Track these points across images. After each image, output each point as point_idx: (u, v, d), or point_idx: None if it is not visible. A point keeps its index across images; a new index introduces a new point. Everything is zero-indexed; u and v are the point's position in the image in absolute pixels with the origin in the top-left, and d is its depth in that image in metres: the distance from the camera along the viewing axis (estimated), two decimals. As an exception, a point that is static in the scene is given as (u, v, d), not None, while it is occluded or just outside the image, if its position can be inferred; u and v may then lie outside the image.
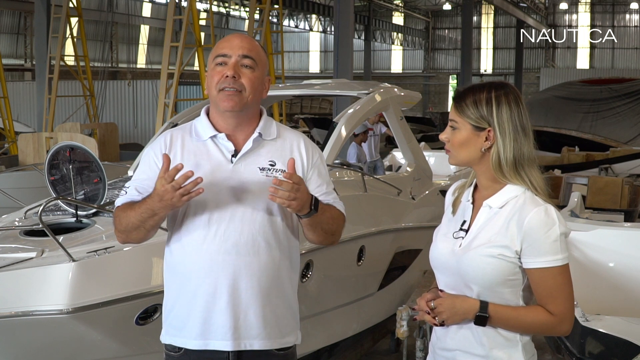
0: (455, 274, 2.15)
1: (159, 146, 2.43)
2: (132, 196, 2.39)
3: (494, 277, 2.08)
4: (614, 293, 4.77)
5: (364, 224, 4.78)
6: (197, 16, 14.49)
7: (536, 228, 2.04)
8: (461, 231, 2.19)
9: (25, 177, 8.48)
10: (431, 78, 51.55)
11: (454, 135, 2.17)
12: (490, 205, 2.14)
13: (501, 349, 2.12)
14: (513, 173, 2.11)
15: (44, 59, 17.67)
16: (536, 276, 2.06)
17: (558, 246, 2.04)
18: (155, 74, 20.21)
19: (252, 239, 2.35)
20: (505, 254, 2.07)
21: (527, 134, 2.12)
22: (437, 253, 2.23)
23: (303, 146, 2.49)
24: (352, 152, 9.28)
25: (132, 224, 2.32)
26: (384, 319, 5.47)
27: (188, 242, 2.37)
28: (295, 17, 45.25)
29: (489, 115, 2.11)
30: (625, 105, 20.17)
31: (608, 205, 10.03)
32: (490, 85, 2.15)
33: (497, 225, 2.10)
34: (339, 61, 16.28)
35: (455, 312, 2.12)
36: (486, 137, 2.12)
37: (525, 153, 2.11)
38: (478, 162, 2.16)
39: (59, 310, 2.99)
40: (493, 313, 2.08)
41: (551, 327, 2.10)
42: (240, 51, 2.37)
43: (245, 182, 2.36)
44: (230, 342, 2.36)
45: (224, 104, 2.36)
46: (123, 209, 2.35)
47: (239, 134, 2.43)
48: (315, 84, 6.82)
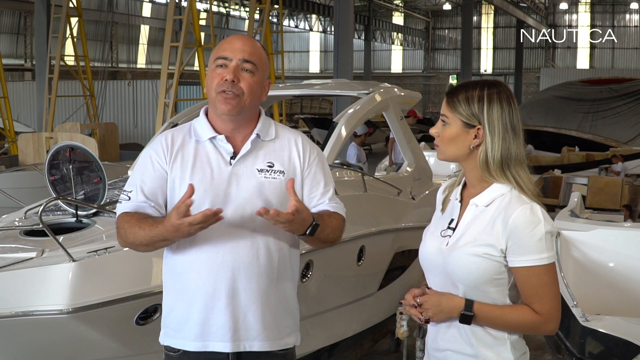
0: (442, 273, 2.15)
1: (160, 146, 2.42)
2: (136, 202, 2.35)
3: (479, 276, 2.07)
4: (614, 293, 4.77)
5: (364, 224, 4.77)
6: (197, 16, 14.49)
7: (521, 226, 2.04)
8: (449, 229, 2.18)
9: (25, 177, 8.48)
10: (431, 78, 51.57)
11: (444, 130, 2.16)
12: (476, 204, 2.14)
13: (489, 348, 2.12)
14: (499, 172, 2.11)
15: (44, 59, 17.69)
16: (521, 275, 2.06)
17: (543, 245, 2.04)
18: (155, 74, 20.23)
19: (251, 240, 2.35)
20: (491, 252, 2.06)
21: (517, 134, 2.12)
22: (425, 252, 2.23)
23: (300, 144, 2.48)
24: (352, 152, 9.27)
25: (139, 242, 2.30)
26: (384, 319, 5.47)
27: (187, 244, 2.36)
28: (295, 17, 45.27)
29: (480, 112, 2.10)
30: (625, 105, 20.19)
31: (608, 205, 10.05)
32: (483, 83, 2.15)
33: (483, 224, 2.10)
34: (339, 61, 16.30)
35: (440, 310, 2.12)
36: (475, 135, 2.12)
37: (513, 153, 2.11)
38: (465, 158, 2.16)
39: (59, 310, 2.98)
40: (478, 312, 2.08)
41: (536, 326, 2.09)
42: (241, 55, 2.36)
43: (243, 183, 2.36)
44: (229, 343, 2.35)
45: (221, 106, 2.36)
46: (128, 221, 2.31)
47: (238, 135, 2.42)
48: (315, 84, 6.82)
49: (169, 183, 2.38)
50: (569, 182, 11.85)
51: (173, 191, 2.37)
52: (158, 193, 2.38)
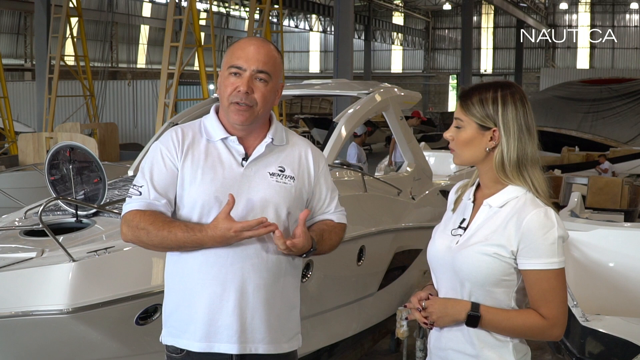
0: (450, 271, 2.15)
1: (170, 141, 2.38)
2: (149, 200, 2.32)
3: (487, 275, 2.07)
4: (614, 293, 4.77)
5: (364, 224, 4.77)
6: (197, 16, 14.48)
7: (534, 229, 2.03)
8: (459, 229, 2.18)
9: (25, 177, 8.48)
10: (431, 78, 51.56)
11: (458, 134, 2.15)
12: (490, 204, 2.14)
13: (492, 349, 2.11)
14: (516, 174, 2.10)
15: (44, 59, 17.68)
16: (531, 278, 2.05)
17: (555, 249, 2.03)
18: (155, 74, 20.22)
19: (261, 243, 2.34)
20: (501, 253, 2.06)
21: (532, 134, 2.11)
22: (434, 249, 2.23)
23: (310, 155, 2.49)
24: (352, 152, 9.28)
25: (165, 245, 2.29)
26: (384, 319, 5.47)
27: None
28: (295, 17, 45.27)
29: (495, 114, 2.10)
30: (625, 105, 20.18)
31: (608, 205, 10.04)
32: (496, 84, 2.14)
33: (495, 225, 2.10)
34: (339, 61, 16.31)
35: (445, 314, 2.11)
36: (491, 137, 2.11)
37: (529, 154, 2.10)
38: (482, 161, 2.15)
39: (59, 310, 2.98)
40: (485, 313, 2.07)
41: (542, 331, 2.07)
42: (256, 65, 2.33)
43: (254, 186, 2.35)
44: (236, 345, 2.34)
45: (234, 117, 2.35)
46: (152, 222, 2.27)
47: (250, 138, 2.42)
48: (315, 84, 6.82)
49: (178, 178, 2.36)
50: (569, 182, 11.85)
51: (182, 189, 2.35)
52: (169, 190, 2.35)
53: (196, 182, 2.32)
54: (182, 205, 2.36)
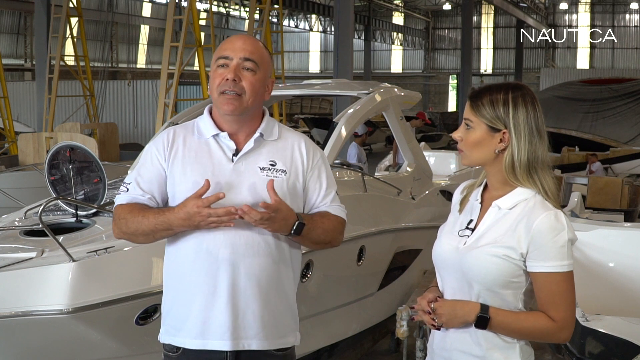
0: (457, 271, 2.14)
1: (161, 142, 2.43)
2: (134, 194, 2.39)
3: (496, 276, 2.07)
4: (614, 293, 4.77)
5: (364, 224, 4.78)
6: (197, 16, 14.49)
7: (545, 232, 2.03)
8: (467, 230, 2.17)
9: (25, 177, 8.48)
10: (431, 78, 51.57)
11: (467, 134, 2.14)
12: (499, 206, 2.13)
13: (499, 351, 2.11)
14: (526, 176, 2.09)
15: (44, 59, 17.68)
16: (540, 280, 2.05)
17: (565, 252, 2.03)
18: (155, 74, 20.24)
19: (252, 238, 2.34)
20: (510, 255, 2.06)
21: (542, 136, 2.10)
22: (441, 250, 2.22)
23: (304, 147, 2.49)
24: (352, 152, 9.28)
25: (141, 231, 2.32)
26: (384, 319, 5.47)
27: (187, 242, 2.36)
28: (295, 17, 45.28)
29: (505, 116, 2.08)
30: (625, 105, 20.15)
31: (608, 205, 10.03)
32: (507, 86, 2.13)
33: (505, 226, 2.09)
34: (339, 61, 16.30)
35: (455, 316, 2.10)
36: (501, 139, 2.10)
37: (540, 156, 2.09)
38: (490, 163, 2.14)
39: (59, 310, 2.99)
40: (494, 315, 2.06)
41: (551, 334, 2.07)
42: (242, 54, 2.37)
43: (245, 181, 2.36)
44: (228, 342, 2.35)
45: (224, 107, 2.37)
46: (130, 211, 2.34)
47: (241, 133, 2.43)
48: (315, 84, 6.82)
49: (169, 178, 2.40)
50: (569, 182, 11.84)
51: (174, 186, 2.38)
52: (154, 187, 2.40)
53: (186, 177, 2.36)
54: (175, 204, 2.37)
